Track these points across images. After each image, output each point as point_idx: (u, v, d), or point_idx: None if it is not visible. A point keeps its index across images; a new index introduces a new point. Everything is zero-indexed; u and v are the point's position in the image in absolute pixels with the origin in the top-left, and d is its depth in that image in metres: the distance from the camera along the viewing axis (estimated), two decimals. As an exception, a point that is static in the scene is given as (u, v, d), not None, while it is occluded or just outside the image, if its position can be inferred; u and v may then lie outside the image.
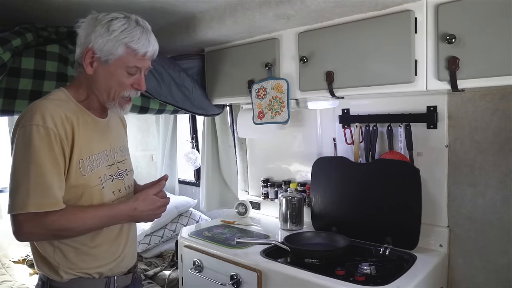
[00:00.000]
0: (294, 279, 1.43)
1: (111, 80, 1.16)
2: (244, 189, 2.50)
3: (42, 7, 1.54)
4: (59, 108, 1.10)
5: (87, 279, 1.18)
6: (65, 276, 1.15)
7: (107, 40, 1.12)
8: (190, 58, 2.13)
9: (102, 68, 1.15)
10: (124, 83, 1.17)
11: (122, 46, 1.12)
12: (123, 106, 1.22)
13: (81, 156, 1.12)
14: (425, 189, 1.63)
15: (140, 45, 1.14)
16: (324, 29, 1.56)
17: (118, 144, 1.30)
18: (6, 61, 1.43)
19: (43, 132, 1.04)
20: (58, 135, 1.07)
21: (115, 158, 1.26)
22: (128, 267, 1.30)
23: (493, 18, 1.17)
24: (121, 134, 1.38)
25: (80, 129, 1.13)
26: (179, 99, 1.97)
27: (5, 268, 2.25)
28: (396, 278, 1.35)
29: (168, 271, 2.32)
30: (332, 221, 1.85)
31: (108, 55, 1.13)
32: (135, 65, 1.16)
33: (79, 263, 1.16)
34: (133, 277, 1.32)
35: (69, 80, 1.69)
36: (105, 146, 1.23)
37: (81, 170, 1.12)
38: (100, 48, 1.12)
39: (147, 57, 1.18)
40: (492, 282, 1.54)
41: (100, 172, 1.18)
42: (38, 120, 1.05)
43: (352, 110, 1.91)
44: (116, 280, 1.24)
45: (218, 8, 1.67)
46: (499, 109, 1.48)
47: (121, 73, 1.16)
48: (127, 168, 1.32)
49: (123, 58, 1.14)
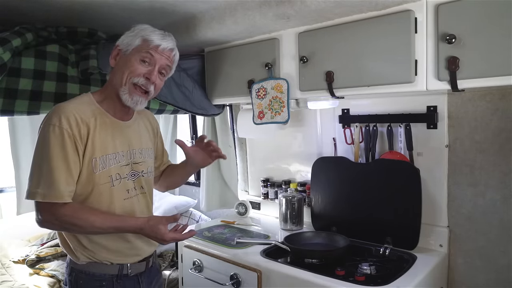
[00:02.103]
0: (294, 279, 1.43)
1: (126, 65, 1.26)
2: (244, 189, 2.50)
3: (42, 7, 1.54)
4: (77, 111, 1.21)
5: (102, 264, 1.28)
6: (82, 258, 1.26)
7: (129, 36, 1.29)
8: (190, 58, 2.12)
9: (122, 59, 1.29)
10: (136, 68, 1.26)
11: (139, 38, 1.28)
12: (132, 94, 1.27)
13: (94, 154, 1.22)
14: (425, 189, 1.63)
15: (153, 37, 1.28)
16: (324, 29, 1.56)
17: (138, 146, 1.37)
18: (6, 61, 1.43)
19: (58, 132, 1.17)
20: (72, 135, 1.18)
21: (131, 159, 1.33)
22: (141, 257, 1.36)
23: (493, 18, 1.17)
24: (145, 137, 1.44)
25: (96, 130, 1.23)
26: (179, 99, 1.97)
27: (5, 268, 2.25)
28: (396, 278, 1.35)
29: (168, 271, 2.32)
30: (332, 221, 1.85)
31: (128, 46, 1.28)
32: (147, 52, 1.26)
33: (91, 249, 1.26)
34: (148, 265, 1.39)
35: (69, 80, 1.69)
36: (123, 147, 1.31)
37: (93, 167, 1.22)
38: (123, 42, 1.29)
39: (161, 50, 1.28)
40: (492, 282, 1.54)
41: (112, 171, 1.26)
42: (55, 121, 1.17)
43: (352, 110, 1.91)
44: (129, 267, 1.31)
45: (218, 8, 1.67)
46: (499, 109, 1.48)
47: (135, 60, 1.26)
48: (144, 170, 1.38)
49: (138, 47, 1.27)
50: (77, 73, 1.71)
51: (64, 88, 1.67)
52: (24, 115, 1.62)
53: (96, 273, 1.27)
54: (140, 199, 1.36)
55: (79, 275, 1.28)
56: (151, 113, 1.57)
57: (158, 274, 1.49)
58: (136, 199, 1.34)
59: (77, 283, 1.28)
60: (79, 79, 1.72)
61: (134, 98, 1.27)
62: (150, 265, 1.40)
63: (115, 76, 1.28)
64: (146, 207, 1.39)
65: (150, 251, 1.40)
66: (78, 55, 1.73)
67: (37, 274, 2.18)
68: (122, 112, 1.33)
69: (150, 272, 1.41)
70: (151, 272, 1.42)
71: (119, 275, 1.29)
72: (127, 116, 1.36)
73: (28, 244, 2.48)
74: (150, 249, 1.40)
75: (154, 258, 1.45)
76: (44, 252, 2.29)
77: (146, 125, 1.47)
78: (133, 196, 1.33)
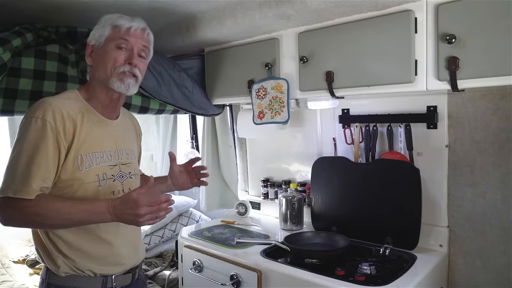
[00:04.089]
0: (294, 279, 1.43)
1: (105, 58, 1.23)
2: (244, 189, 2.50)
3: (42, 7, 1.54)
4: (64, 105, 1.16)
5: (83, 277, 1.19)
6: (63, 267, 1.17)
7: (98, 29, 1.26)
8: (190, 58, 2.12)
9: (97, 53, 1.26)
10: (116, 57, 1.23)
11: (108, 26, 1.25)
12: (123, 80, 1.24)
13: (80, 151, 1.17)
14: (425, 189, 1.63)
15: (122, 22, 1.25)
16: (324, 29, 1.56)
17: (125, 147, 1.32)
18: (6, 61, 1.43)
19: (40, 124, 1.11)
20: (56, 129, 1.12)
21: (119, 159, 1.28)
22: (126, 268, 1.28)
23: (493, 18, 1.17)
24: (131, 138, 1.40)
25: (83, 127, 1.18)
26: (179, 99, 1.97)
27: (5, 268, 2.25)
28: (396, 278, 1.35)
29: (168, 271, 2.32)
30: (332, 221, 1.85)
31: (99, 39, 1.25)
32: (121, 38, 1.24)
33: (71, 258, 1.17)
34: (134, 277, 1.31)
35: (69, 80, 1.69)
36: (110, 146, 1.26)
37: (79, 165, 1.16)
38: (94, 37, 1.26)
39: (133, 32, 1.25)
40: (492, 282, 1.53)
41: (99, 170, 1.21)
42: (39, 113, 1.12)
43: (352, 110, 1.91)
44: (114, 280, 1.23)
45: (218, 8, 1.67)
46: (499, 109, 1.48)
47: (112, 49, 1.23)
48: (131, 172, 1.33)
49: (110, 36, 1.24)
50: (77, 73, 1.71)
51: (64, 88, 1.67)
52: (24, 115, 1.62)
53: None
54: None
55: None
56: (134, 117, 1.53)
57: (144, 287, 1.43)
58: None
59: None
60: (79, 79, 1.71)
61: (126, 82, 1.24)
62: (136, 277, 1.33)
63: (97, 72, 1.25)
64: None
65: (135, 260, 1.32)
66: (78, 55, 1.73)
67: (37, 274, 2.18)
68: (109, 108, 1.29)
69: (136, 285, 1.33)
70: (137, 285, 1.34)
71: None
72: (114, 114, 1.32)
73: (28, 244, 2.48)
74: (136, 258, 1.33)
75: (139, 269, 1.37)
76: (44, 252, 2.29)
77: (131, 126, 1.44)
78: None
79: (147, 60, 1.32)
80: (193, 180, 1.53)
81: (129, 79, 1.24)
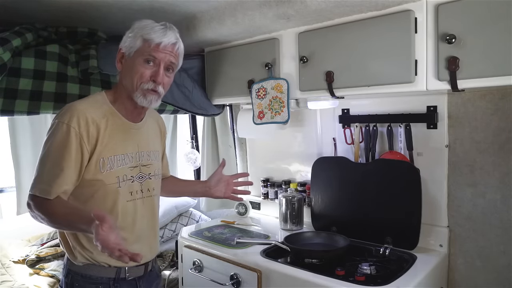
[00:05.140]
0: (294, 279, 1.43)
1: (133, 70, 1.25)
2: (244, 189, 2.49)
3: (42, 7, 1.54)
4: (89, 111, 1.22)
5: (99, 266, 1.26)
6: (80, 258, 1.25)
7: (129, 37, 1.27)
8: (190, 58, 2.12)
9: (127, 63, 1.28)
10: (143, 73, 1.25)
11: (139, 38, 1.25)
12: (146, 96, 1.27)
13: (102, 154, 1.22)
14: (425, 189, 1.63)
15: (154, 36, 1.24)
16: (324, 29, 1.56)
17: (147, 148, 1.37)
18: (6, 61, 1.43)
19: (65, 129, 1.18)
20: (79, 134, 1.18)
21: (140, 161, 1.33)
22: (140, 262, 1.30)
23: (493, 18, 1.17)
24: (154, 139, 1.44)
25: (106, 131, 1.24)
26: (179, 99, 1.97)
27: (5, 268, 2.25)
28: (396, 278, 1.35)
29: (168, 271, 2.32)
30: (332, 221, 1.85)
31: (130, 49, 1.26)
32: (150, 54, 1.24)
33: (90, 250, 1.24)
34: (146, 269, 1.36)
35: (69, 80, 1.69)
36: (132, 149, 1.31)
37: (101, 167, 1.22)
38: (125, 45, 1.27)
39: (162, 48, 1.25)
40: (492, 282, 1.53)
41: (119, 172, 1.26)
42: (65, 118, 1.19)
43: (352, 110, 1.91)
44: (127, 271, 1.29)
45: (218, 8, 1.67)
46: (499, 109, 1.48)
47: (140, 63, 1.25)
48: (151, 173, 1.37)
49: (140, 49, 1.25)
50: (77, 73, 1.71)
51: (64, 88, 1.67)
52: (24, 115, 1.62)
53: (92, 276, 1.25)
54: (145, 202, 1.34)
55: (75, 277, 1.26)
56: (160, 116, 1.57)
57: (157, 279, 1.47)
58: (140, 202, 1.33)
59: (72, 286, 1.26)
60: (79, 79, 1.72)
61: (148, 98, 1.27)
62: (149, 269, 1.38)
63: (125, 80, 1.28)
64: (150, 210, 1.37)
65: (149, 256, 1.38)
66: (78, 55, 1.73)
67: (37, 274, 2.18)
68: (134, 113, 1.33)
69: (150, 276, 1.39)
70: (150, 276, 1.40)
71: (116, 278, 1.27)
72: (138, 117, 1.36)
73: (28, 244, 2.48)
74: (150, 255, 1.38)
75: (154, 262, 1.43)
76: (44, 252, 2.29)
77: (155, 127, 1.47)
78: (137, 199, 1.32)
79: (174, 72, 1.34)
80: (227, 191, 1.61)
81: (152, 95, 1.27)
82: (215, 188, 1.59)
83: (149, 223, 1.38)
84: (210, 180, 1.60)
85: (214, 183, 1.58)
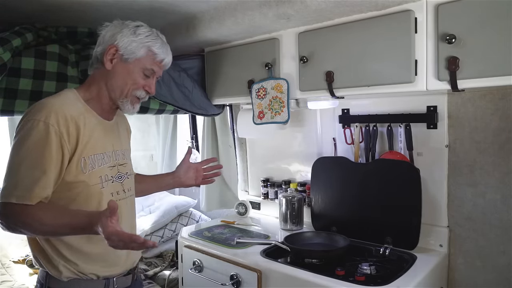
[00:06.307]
0: (294, 279, 1.43)
1: (128, 77, 1.23)
2: (244, 189, 2.50)
3: (42, 7, 1.54)
4: (65, 108, 1.13)
5: (86, 280, 1.18)
6: (65, 272, 1.16)
7: (132, 41, 1.21)
8: (190, 58, 2.12)
9: (121, 65, 1.23)
10: (138, 82, 1.24)
11: (144, 48, 1.22)
12: (134, 104, 1.28)
13: (83, 154, 1.15)
14: (425, 189, 1.63)
15: (160, 51, 1.25)
16: (324, 29, 1.56)
17: (120, 147, 1.33)
18: (6, 61, 1.43)
19: (43, 127, 1.07)
20: (59, 132, 1.09)
21: (116, 160, 1.29)
22: (126, 268, 1.29)
23: (493, 18, 1.17)
24: (124, 138, 1.42)
25: (85, 129, 1.17)
26: (179, 99, 1.97)
27: (5, 268, 2.25)
28: (396, 278, 1.35)
29: (168, 271, 2.32)
30: (332, 221, 1.85)
31: (130, 54, 1.22)
32: (151, 68, 1.25)
33: (74, 261, 1.16)
34: (133, 278, 1.33)
35: (69, 80, 1.69)
36: (108, 148, 1.26)
37: (82, 167, 1.15)
38: (124, 46, 1.21)
39: (163, 65, 1.29)
40: (492, 282, 1.53)
41: (101, 172, 1.21)
42: (41, 116, 1.08)
43: (352, 110, 1.91)
44: (115, 282, 1.24)
45: (218, 8, 1.67)
46: (499, 109, 1.48)
47: (138, 73, 1.24)
48: (128, 172, 1.35)
49: (142, 59, 1.23)
50: (77, 73, 1.71)
51: (64, 88, 1.66)
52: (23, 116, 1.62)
53: None
54: (128, 202, 1.31)
55: None
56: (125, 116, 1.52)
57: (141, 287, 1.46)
58: (124, 202, 1.28)
59: None
60: (79, 79, 1.71)
61: (136, 106, 1.29)
62: (135, 279, 1.34)
63: (112, 83, 1.23)
64: (131, 211, 1.36)
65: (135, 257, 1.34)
66: (78, 55, 1.73)
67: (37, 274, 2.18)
68: (109, 112, 1.30)
69: (135, 286, 1.35)
70: (136, 286, 1.36)
71: None
72: (111, 116, 1.32)
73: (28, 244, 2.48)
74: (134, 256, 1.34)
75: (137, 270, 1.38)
76: (44, 252, 2.29)
77: (124, 126, 1.44)
78: (121, 199, 1.26)
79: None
80: (198, 178, 1.60)
81: (137, 104, 1.29)
82: (186, 177, 1.57)
83: (131, 224, 1.35)
84: (178, 170, 1.58)
85: (183, 173, 1.57)
